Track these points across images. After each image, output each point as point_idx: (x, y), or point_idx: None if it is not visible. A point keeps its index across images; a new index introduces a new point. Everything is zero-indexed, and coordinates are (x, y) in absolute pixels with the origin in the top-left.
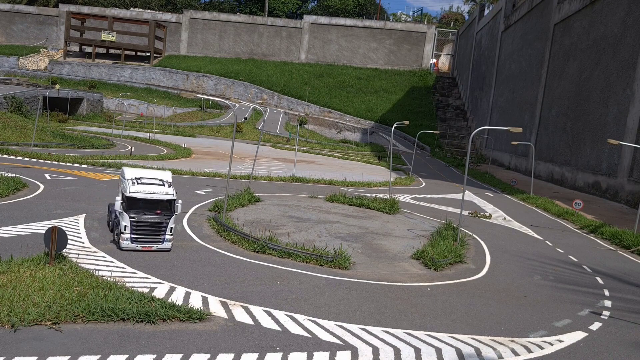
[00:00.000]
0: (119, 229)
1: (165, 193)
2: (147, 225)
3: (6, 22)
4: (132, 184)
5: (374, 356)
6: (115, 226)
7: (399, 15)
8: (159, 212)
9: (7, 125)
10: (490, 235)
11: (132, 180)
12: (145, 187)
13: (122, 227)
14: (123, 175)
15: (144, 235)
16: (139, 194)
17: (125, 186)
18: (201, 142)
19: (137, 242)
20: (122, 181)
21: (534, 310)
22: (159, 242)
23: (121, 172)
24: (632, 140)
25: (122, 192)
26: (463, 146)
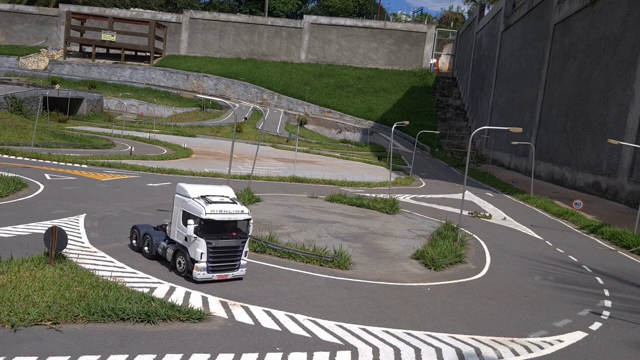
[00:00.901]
0: (185, 258)
1: (241, 212)
2: (224, 251)
3: (6, 22)
4: (205, 203)
5: (374, 356)
6: (179, 254)
7: (399, 15)
8: (235, 235)
9: (7, 125)
10: (490, 235)
11: (200, 199)
12: (220, 207)
13: (196, 254)
14: (185, 194)
15: (221, 262)
16: (216, 215)
17: (195, 206)
18: (201, 142)
19: (213, 271)
20: (185, 200)
21: (534, 310)
22: (234, 268)
23: (180, 190)
24: (632, 140)
25: (191, 213)
26: (463, 146)
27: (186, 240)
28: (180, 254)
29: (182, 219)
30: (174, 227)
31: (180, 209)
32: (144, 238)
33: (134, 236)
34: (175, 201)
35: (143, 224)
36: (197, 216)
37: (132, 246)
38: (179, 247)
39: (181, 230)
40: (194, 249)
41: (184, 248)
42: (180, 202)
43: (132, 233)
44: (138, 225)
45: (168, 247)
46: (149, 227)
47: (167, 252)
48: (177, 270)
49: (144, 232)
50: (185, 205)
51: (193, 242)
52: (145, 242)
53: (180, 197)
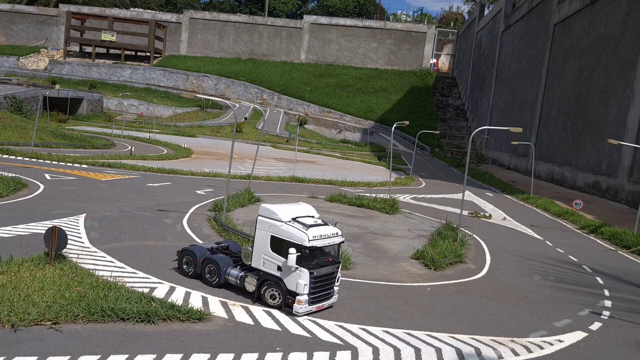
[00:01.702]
0: (280, 290)
1: (337, 234)
2: (323, 280)
3: (6, 22)
4: (304, 228)
5: (374, 356)
6: (270, 286)
7: (399, 15)
8: (331, 260)
9: (7, 125)
10: (490, 235)
11: (295, 222)
12: (319, 231)
13: (298, 286)
14: (274, 217)
15: (320, 291)
16: (318, 242)
17: (294, 232)
18: (201, 142)
19: (313, 303)
20: (275, 224)
21: (534, 310)
22: (330, 296)
23: (266, 213)
24: (632, 140)
25: (289, 240)
26: (463, 146)
27: (279, 269)
28: (272, 286)
29: (271, 246)
30: (257, 254)
31: (268, 234)
32: (205, 264)
33: (186, 261)
34: (260, 225)
35: (194, 246)
36: (298, 244)
37: (184, 271)
38: (269, 277)
39: (271, 258)
40: (294, 281)
41: (277, 278)
42: (268, 226)
43: (182, 257)
44: (191, 249)
45: (248, 276)
46: (202, 249)
47: (247, 282)
48: (267, 302)
49: (204, 258)
50: (278, 230)
51: (293, 273)
52: (208, 269)
53: (267, 221)
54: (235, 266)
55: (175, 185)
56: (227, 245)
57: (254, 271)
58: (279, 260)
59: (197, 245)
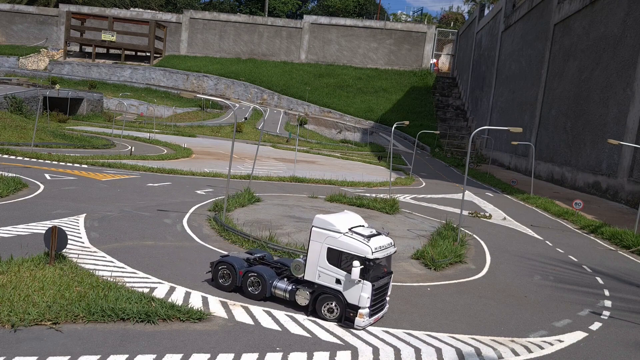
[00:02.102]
0: (339, 303)
1: (392, 245)
2: (381, 291)
3: (6, 22)
4: (365, 239)
5: (374, 356)
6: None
7: (399, 15)
8: (385, 271)
9: (7, 125)
10: (490, 235)
11: (355, 234)
12: (379, 242)
13: (361, 300)
14: (331, 228)
15: (377, 303)
16: (379, 253)
17: (355, 244)
18: (201, 142)
19: (371, 315)
20: (333, 236)
21: (534, 310)
22: (384, 307)
23: (321, 224)
24: (632, 140)
25: (350, 253)
26: (463, 146)
27: (338, 282)
28: (330, 299)
29: (328, 258)
30: (312, 267)
31: (325, 245)
32: (247, 277)
33: (222, 274)
34: (315, 236)
35: (231, 257)
36: (362, 256)
37: (219, 284)
38: (325, 290)
39: (328, 271)
40: (356, 294)
41: (336, 292)
42: (324, 237)
43: (217, 269)
44: (229, 261)
45: (299, 289)
46: (240, 260)
47: (299, 295)
48: (323, 317)
49: (245, 270)
50: (336, 242)
51: (355, 286)
52: (250, 282)
53: (323, 232)
54: (281, 278)
55: (175, 185)
56: (263, 256)
57: (304, 284)
58: (338, 273)
59: (232, 257)
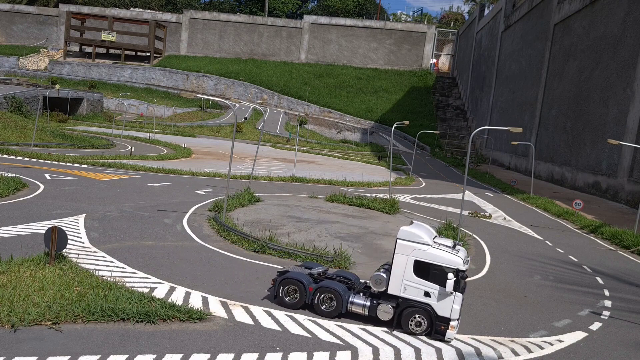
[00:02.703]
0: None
1: (468, 255)
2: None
3: (6, 22)
4: (453, 250)
5: (374, 356)
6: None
7: (399, 15)
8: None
9: (7, 125)
10: (490, 235)
11: (440, 244)
12: (463, 252)
13: (453, 312)
14: (418, 240)
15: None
16: (467, 263)
17: (445, 256)
18: (201, 142)
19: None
20: (420, 248)
21: (534, 310)
22: None
23: (407, 236)
24: (632, 140)
25: (440, 265)
26: (463, 146)
27: (427, 295)
28: (417, 313)
29: (415, 271)
30: (397, 280)
31: (412, 258)
32: (319, 293)
33: (287, 290)
34: (401, 249)
35: (295, 273)
36: (454, 268)
37: (284, 302)
38: (412, 303)
39: (415, 284)
40: (448, 306)
41: (424, 305)
42: (411, 250)
43: (283, 284)
44: (297, 277)
45: (381, 304)
46: (305, 276)
47: (382, 310)
48: (410, 331)
49: (316, 286)
50: (424, 254)
51: (446, 298)
52: (322, 298)
53: (410, 244)
54: (356, 293)
55: (175, 185)
56: (326, 270)
57: (384, 298)
58: (427, 286)
59: (296, 272)
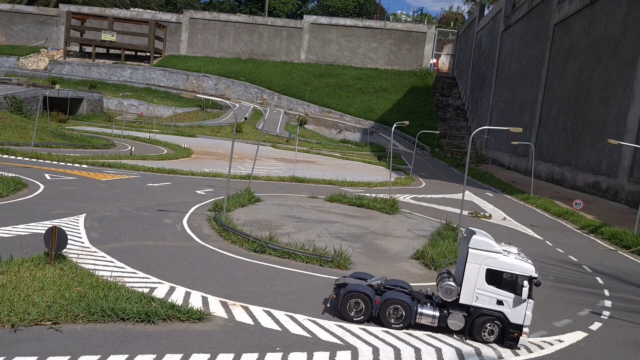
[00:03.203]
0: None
1: None
2: None
3: (6, 22)
4: (524, 257)
5: (374, 356)
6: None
7: (399, 15)
8: None
9: (7, 125)
10: (490, 235)
11: (509, 252)
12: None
13: (526, 318)
14: (491, 249)
15: None
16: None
17: (517, 263)
18: (201, 142)
19: None
20: (492, 257)
21: (534, 310)
22: None
23: (480, 245)
24: (632, 140)
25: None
26: (463, 146)
27: (499, 303)
28: (490, 321)
29: (488, 279)
30: (469, 290)
31: (484, 267)
32: (386, 305)
33: (354, 304)
34: (473, 258)
35: (358, 285)
36: (528, 275)
37: (349, 316)
38: (484, 312)
39: (488, 292)
40: (521, 313)
41: (497, 313)
42: (483, 259)
43: (347, 301)
44: (363, 290)
45: (452, 313)
46: (367, 287)
47: (454, 320)
48: (482, 339)
49: (383, 299)
50: (496, 262)
51: (520, 305)
52: (389, 311)
53: (481, 253)
54: (422, 303)
55: (175, 185)
56: (385, 280)
57: (453, 307)
58: (500, 294)
59: (357, 284)
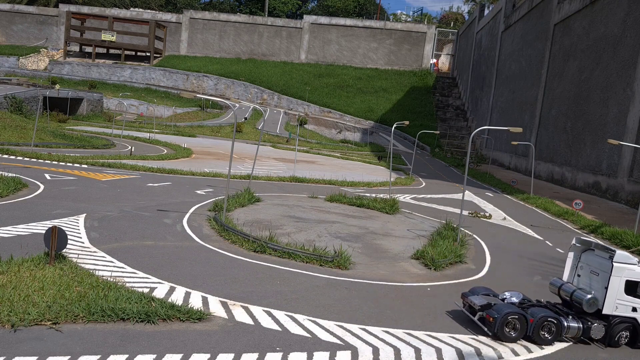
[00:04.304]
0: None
1: None
2: None
3: (6, 22)
4: None
5: (374, 356)
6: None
7: (399, 15)
8: None
9: (7, 125)
10: (490, 235)
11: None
12: None
13: None
14: (630, 261)
15: None
16: None
17: None
18: (201, 142)
19: None
20: (630, 268)
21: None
22: None
23: (623, 259)
24: (632, 140)
25: None
26: (463, 146)
27: (634, 310)
28: (624, 328)
29: (626, 290)
30: (611, 300)
31: (624, 279)
32: (541, 323)
33: (512, 325)
34: (617, 271)
35: (499, 304)
36: None
37: (505, 336)
38: (623, 319)
39: (626, 302)
40: None
41: (632, 319)
42: (624, 271)
43: (505, 321)
44: (517, 311)
45: (595, 324)
46: (517, 308)
47: (596, 330)
48: (617, 343)
49: (538, 318)
50: (634, 274)
51: None
52: (544, 328)
53: (623, 267)
54: (566, 317)
55: (175, 185)
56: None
57: (596, 317)
58: (634, 302)
59: (505, 305)
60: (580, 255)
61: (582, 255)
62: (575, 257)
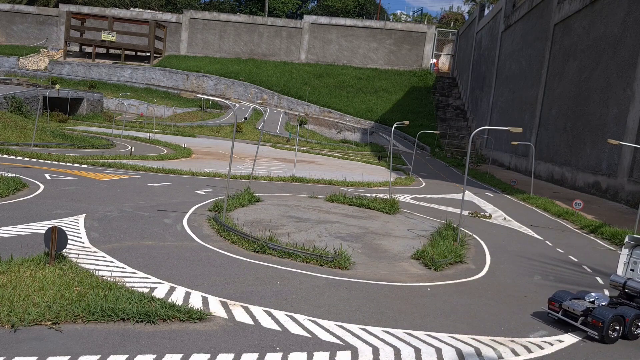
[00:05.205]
0: None
1: None
2: None
3: (6, 22)
4: None
5: (374, 356)
6: None
7: (399, 15)
8: None
9: (7, 125)
10: (490, 235)
11: None
12: None
13: None
14: None
15: None
16: None
17: None
18: (201, 142)
19: None
20: None
21: (534, 310)
22: None
23: None
24: (632, 140)
25: None
26: (463, 146)
27: None
28: None
29: None
30: None
31: None
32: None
33: (614, 327)
34: None
35: (600, 309)
36: None
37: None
38: None
39: None
40: None
41: None
42: None
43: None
44: (621, 311)
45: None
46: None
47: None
48: None
49: (632, 317)
50: None
51: None
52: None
53: None
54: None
55: (175, 185)
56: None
57: None
58: None
59: (604, 308)
60: (632, 251)
61: (634, 251)
62: (628, 253)
